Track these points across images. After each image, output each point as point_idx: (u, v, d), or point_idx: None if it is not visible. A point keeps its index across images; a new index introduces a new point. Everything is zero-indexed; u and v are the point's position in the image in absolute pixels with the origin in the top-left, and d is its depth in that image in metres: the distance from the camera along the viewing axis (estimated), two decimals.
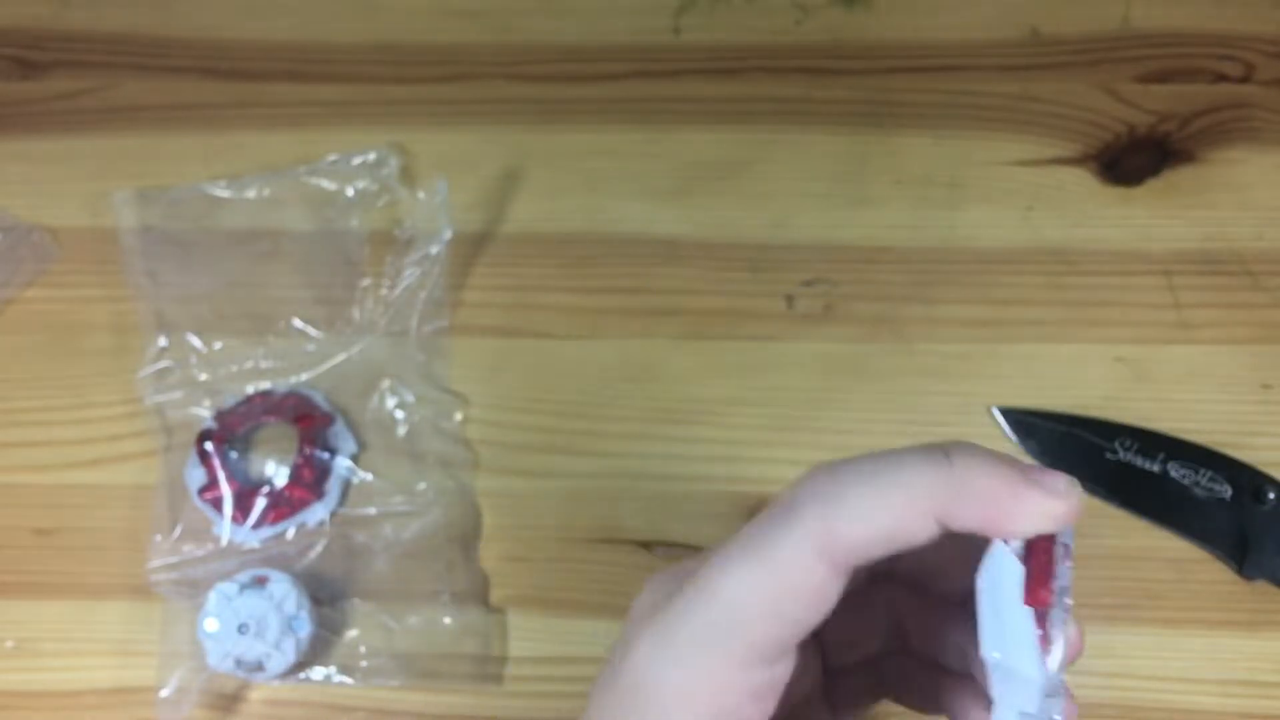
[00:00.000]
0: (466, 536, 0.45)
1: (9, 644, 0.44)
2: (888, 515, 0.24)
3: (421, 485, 0.46)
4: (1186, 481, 0.45)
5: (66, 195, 0.51)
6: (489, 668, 0.43)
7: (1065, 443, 0.46)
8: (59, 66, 0.54)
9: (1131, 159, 0.51)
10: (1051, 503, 0.25)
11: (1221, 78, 0.52)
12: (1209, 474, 0.45)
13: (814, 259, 0.49)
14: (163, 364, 0.47)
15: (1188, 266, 0.49)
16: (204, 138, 0.52)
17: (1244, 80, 0.52)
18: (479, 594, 0.44)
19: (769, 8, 0.54)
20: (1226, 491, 0.44)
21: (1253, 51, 0.53)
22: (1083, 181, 0.50)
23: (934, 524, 0.24)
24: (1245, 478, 0.45)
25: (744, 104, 0.53)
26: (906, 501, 0.24)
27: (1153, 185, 0.50)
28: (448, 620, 0.44)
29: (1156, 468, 0.45)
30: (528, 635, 0.44)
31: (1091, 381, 0.47)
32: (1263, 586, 0.44)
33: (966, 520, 0.24)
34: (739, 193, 0.51)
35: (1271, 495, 0.44)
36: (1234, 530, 0.44)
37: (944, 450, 0.25)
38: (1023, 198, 0.50)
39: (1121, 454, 0.45)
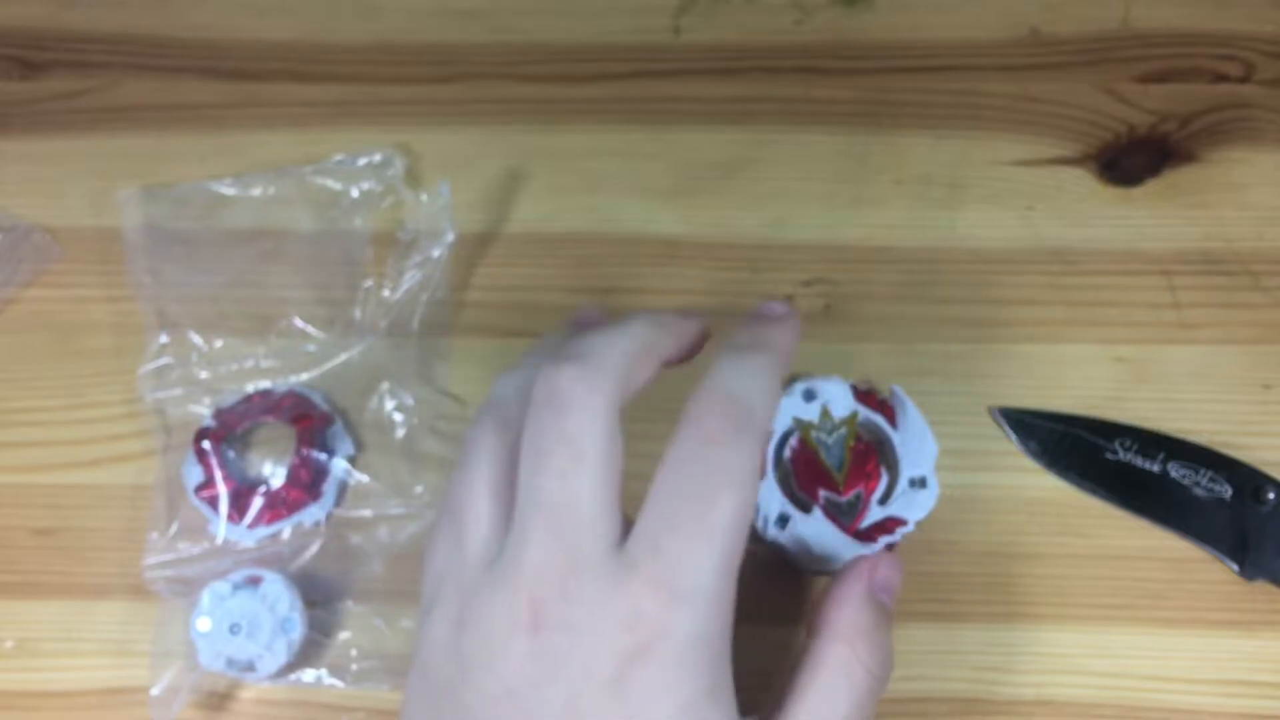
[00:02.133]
0: None
1: (8, 644, 0.44)
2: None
3: (419, 488, 0.46)
4: (1186, 481, 0.45)
5: (67, 195, 0.51)
6: None
7: (1065, 443, 0.46)
8: (59, 66, 0.54)
9: (1131, 159, 0.51)
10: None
11: (1221, 78, 0.52)
12: (1209, 474, 0.45)
13: (814, 259, 0.49)
14: (163, 361, 0.47)
15: (1188, 266, 0.49)
16: (204, 138, 0.52)
17: (1244, 80, 0.52)
18: None
19: (769, 8, 0.55)
20: (1226, 491, 0.44)
21: (1253, 51, 0.53)
22: (1083, 181, 0.50)
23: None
24: (1245, 478, 0.45)
25: (744, 104, 0.53)
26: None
27: (1153, 185, 0.50)
28: None
29: (1156, 468, 0.45)
30: None
31: (1091, 381, 0.47)
32: (1263, 586, 0.44)
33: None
34: (739, 193, 0.51)
35: (1271, 495, 0.44)
36: (1234, 530, 0.44)
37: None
38: (1023, 198, 0.50)
39: (1121, 454, 0.45)
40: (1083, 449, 0.45)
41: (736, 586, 0.31)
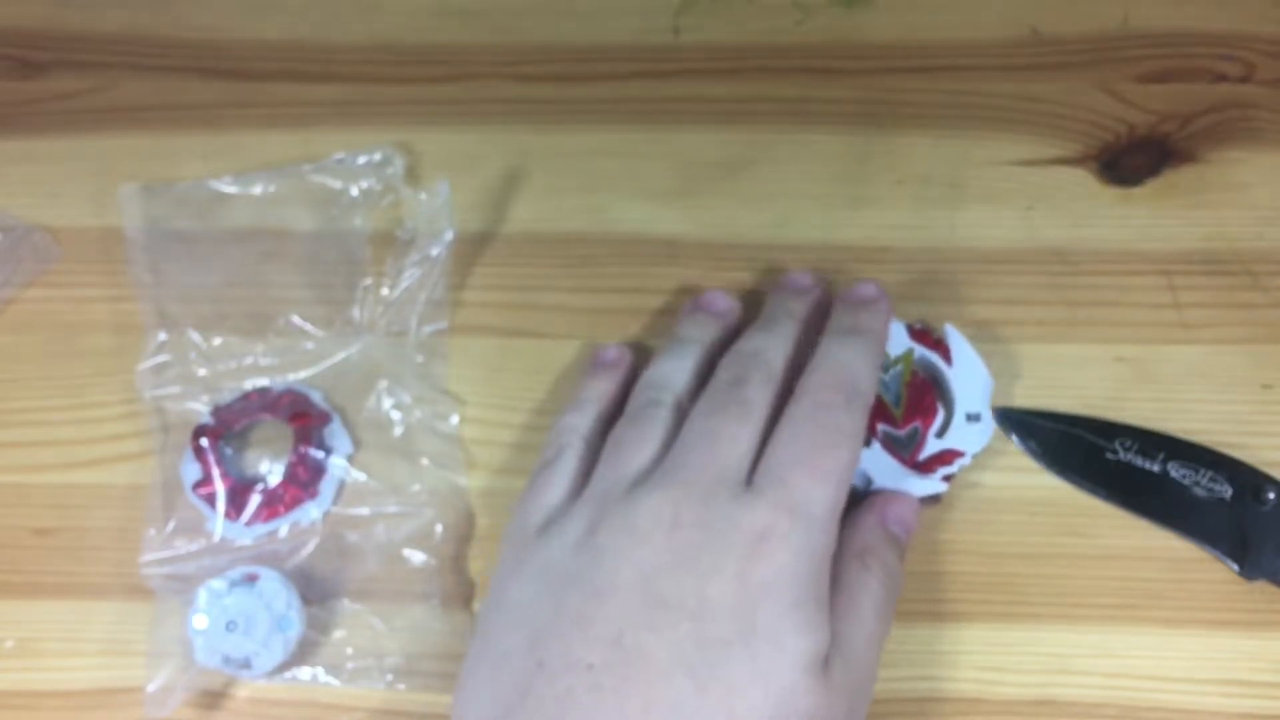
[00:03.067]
0: (459, 539, 0.45)
1: (9, 644, 0.44)
2: None
3: (416, 487, 0.45)
4: (1187, 481, 0.45)
5: (67, 195, 0.51)
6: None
7: (1065, 442, 0.45)
8: (59, 66, 0.54)
9: (1131, 159, 0.51)
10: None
11: (1221, 78, 0.52)
12: (1209, 474, 0.45)
13: (814, 259, 0.49)
14: (161, 358, 0.47)
15: (1188, 266, 0.49)
16: (204, 137, 0.52)
17: (1244, 80, 0.52)
18: (468, 598, 0.44)
19: (769, 8, 0.55)
20: (1227, 491, 0.44)
21: (1253, 51, 0.53)
22: (1083, 181, 0.50)
23: None
24: (1246, 478, 0.44)
25: (744, 104, 0.53)
26: None
27: (1153, 185, 0.50)
28: (435, 623, 0.44)
29: (1157, 468, 0.45)
30: None
31: (1091, 381, 0.47)
32: (1263, 586, 0.43)
33: None
34: (740, 193, 0.51)
35: (1272, 495, 0.44)
36: (1234, 530, 0.44)
37: None
38: (1023, 198, 0.50)
39: (1122, 454, 0.45)
40: (1083, 448, 0.45)
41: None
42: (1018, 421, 0.46)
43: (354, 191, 0.50)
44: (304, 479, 0.45)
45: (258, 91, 0.53)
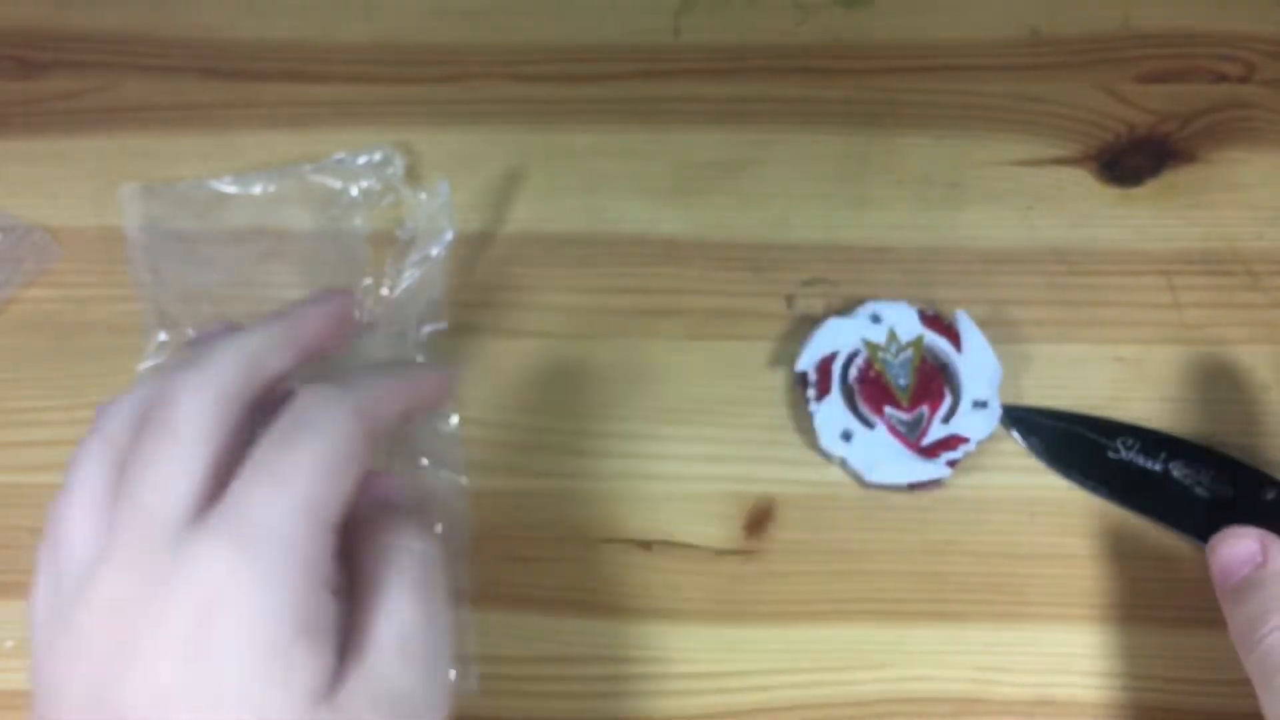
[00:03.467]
0: (459, 539, 0.45)
1: (9, 644, 0.44)
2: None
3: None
4: (1188, 481, 0.45)
5: (67, 195, 0.51)
6: (473, 669, 0.43)
7: (1067, 440, 0.45)
8: (59, 66, 0.54)
9: (1131, 159, 0.51)
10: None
11: (1221, 78, 0.52)
12: (1211, 474, 0.45)
13: (814, 259, 0.49)
14: (161, 358, 0.47)
15: (1188, 266, 0.49)
16: (204, 137, 0.52)
17: (1244, 80, 0.52)
18: (466, 596, 0.44)
19: (769, 8, 0.55)
20: (1228, 491, 0.44)
21: (1253, 51, 0.53)
22: (1083, 181, 0.50)
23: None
24: (1247, 477, 0.44)
25: (744, 104, 0.53)
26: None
27: (1153, 185, 0.50)
28: None
29: (1158, 467, 0.45)
30: (524, 636, 0.43)
31: (1092, 381, 0.47)
32: None
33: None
34: (739, 193, 0.51)
35: (1272, 495, 0.44)
36: None
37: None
38: (1023, 198, 0.50)
39: (1123, 453, 0.45)
40: (1085, 447, 0.45)
41: (330, 534, 0.29)
42: (1020, 419, 0.46)
43: (354, 191, 0.50)
44: None
45: (258, 91, 0.53)
